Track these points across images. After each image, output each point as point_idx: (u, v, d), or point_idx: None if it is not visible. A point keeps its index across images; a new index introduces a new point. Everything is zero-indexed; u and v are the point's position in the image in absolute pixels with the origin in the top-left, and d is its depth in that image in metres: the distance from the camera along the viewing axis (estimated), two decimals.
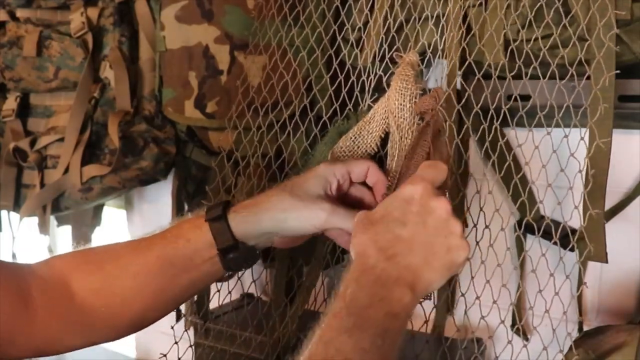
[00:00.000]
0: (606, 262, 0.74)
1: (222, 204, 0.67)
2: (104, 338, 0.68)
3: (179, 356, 0.87)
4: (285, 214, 0.64)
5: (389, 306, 0.53)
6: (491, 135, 0.78)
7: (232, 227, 0.65)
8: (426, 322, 0.82)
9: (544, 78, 0.75)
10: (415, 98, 0.66)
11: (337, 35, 0.92)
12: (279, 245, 0.70)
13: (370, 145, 0.74)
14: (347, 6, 0.92)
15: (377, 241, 0.56)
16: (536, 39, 0.78)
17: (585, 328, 0.87)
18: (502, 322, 0.75)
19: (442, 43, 0.84)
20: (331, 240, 0.70)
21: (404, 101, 0.66)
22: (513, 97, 0.78)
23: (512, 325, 0.92)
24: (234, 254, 0.65)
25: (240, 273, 0.95)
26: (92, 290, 0.66)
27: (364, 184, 0.69)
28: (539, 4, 0.78)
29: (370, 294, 0.54)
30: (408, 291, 0.54)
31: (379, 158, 0.78)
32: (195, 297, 1.06)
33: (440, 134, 0.65)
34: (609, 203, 0.84)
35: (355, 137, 0.75)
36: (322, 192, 0.65)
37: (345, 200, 0.69)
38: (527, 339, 0.91)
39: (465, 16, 0.84)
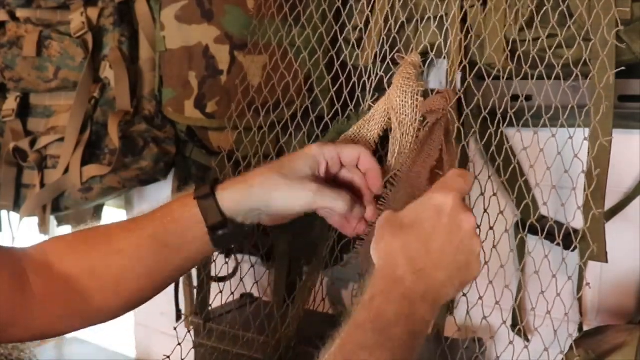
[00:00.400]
0: (606, 262, 0.74)
1: (210, 182, 0.67)
2: (100, 319, 0.69)
3: (182, 357, 0.87)
4: (272, 193, 0.64)
5: (413, 324, 0.53)
6: (489, 136, 0.78)
7: (220, 204, 0.65)
8: None
9: (543, 79, 0.76)
10: (417, 95, 0.67)
11: (339, 35, 0.92)
12: (267, 223, 0.69)
13: (370, 144, 0.74)
14: (348, 6, 0.92)
15: (407, 250, 0.55)
16: (536, 39, 0.78)
17: (585, 328, 0.87)
18: (504, 322, 0.75)
19: (444, 44, 0.84)
20: (332, 240, 0.70)
21: (405, 98, 0.67)
22: (508, 98, 0.78)
23: (513, 326, 0.93)
24: (223, 231, 0.65)
25: (241, 274, 0.96)
26: (86, 270, 0.66)
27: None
28: (538, 3, 0.78)
29: (398, 311, 0.53)
30: (430, 308, 0.54)
31: (378, 157, 0.78)
32: (196, 298, 1.06)
33: (450, 135, 0.65)
34: (609, 203, 0.84)
35: (355, 136, 0.75)
36: (310, 172, 0.65)
37: (335, 181, 0.69)
38: (527, 340, 0.91)
39: (466, 17, 0.84)
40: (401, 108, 0.67)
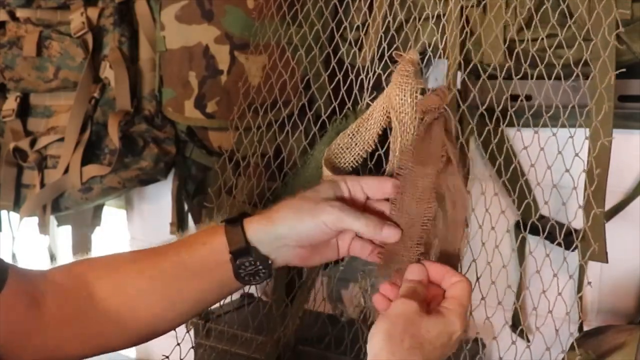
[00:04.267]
0: (606, 262, 0.74)
1: (239, 212, 0.67)
2: (112, 345, 0.68)
3: (181, 357, 0.87)
4: (296, 212, 0.64)
5: None
6: (489, 135, 0.78)
7: (246, 231, 0.65)
8: None
9: (543, 78, 0.75)
10: (417, 93, 0.66)
11: (335, 33, 0.92)
12: (295, 260, 0.68)
13: (368, 142, 0.74)
14: (344, 4, 0.92)
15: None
16: (536, 39, 0.78)
17: (585, 328, 0.87)
18: (507, 323, 0.75)
19: (443, 42, 0.84)
20: None
21: (404, 96, 0.67)
22: (507, 97, 0.78)
23: (513, 326, 0.92)
24: (246, 258, 0.65)
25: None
26: (106, 291, 0.66)
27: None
28: (538, 3, 0.78)
29: None
30: None
31: (377, 156, 0.78)
32: None
33: (450, 133, 0.65)
34: (609, 203, 0.84)
35: (353, 135, 0.75)
36: (334, 194, 0.65)
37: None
38: (528, 340, 0.91)
39: (465, 16, 0.84)
40: (400, 106, 0.67)
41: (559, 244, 0.75)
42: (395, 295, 0.61)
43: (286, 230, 0.64)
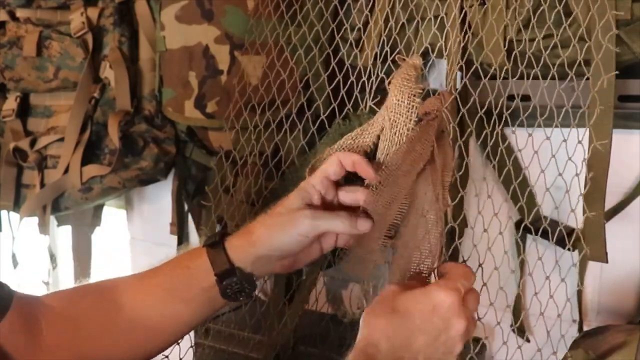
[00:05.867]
0: (606, 262, 0.74)
1: (219, 233, 0.68)
2: None
3: (181, 357, 0.87)
4: (271, 230, 0.65)
5: None
6: (489, 136, 0.78)
7: (228, 252, 0.66)
8: None
9: (544, 79, 0.75)
10: (415, 96, 0.67)
11: (336, 34, 0.91)
12: (280, 270, 0.69)
13: (367, 144, 0.74)
14: (345, 5, 0.92)
15: (391, 337, 0.57)
16: (535, 40, 0.78)
17: (585, 328, 0.87)
18: (498, 323, 0.75)
19: (444, 44, 0.84)
20: None
21: (402, 98, 0.67)
22: (505, 97, 0.78)
23: (516, 327, 0.92)
24: (231, 279, 0.65)
25: None
26: (95, 319, 0.67)
27: (358, 180, 0.68)
28: (538, 3, 0.78)
29: None
30: None
31: (367, 156, 0.78)
32: None
33: (444, 135, 0.65)
34: (609, 203, 0.84)
35: (356, 137, 0.75)
36: (302, 203, 0.65)
37: (341, 207, 0.68)
38: (528, 340, 0.91)
39: (465, 17, 0.84)
40: (396, 107, 0.67)
41: (563, 246, 0.75)
42: None
43: (265, 251, 0.65)
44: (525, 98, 0.78)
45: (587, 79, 0.74)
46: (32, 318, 0.65)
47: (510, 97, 0.79)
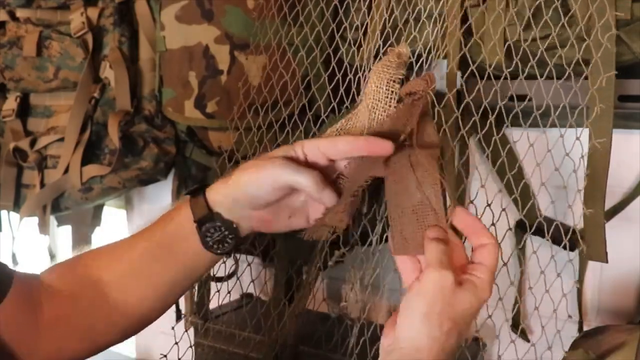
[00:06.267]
0: (606, 262, 0.74)
1: (202, 184, 0.68)
2: (107, 340, 0.69)
3: (179, 356, 0.87)
4: (245, 173, 0.63)
5: None
6: (491, 136, 0.78)
7: (208, 198, 0.65)
8: None
9: (543, 78, 0.75)
10: (394, 82, 0.65)
11: (336, 34, 0.92)
12: (259, 226, 0.67)
13: (353, 134, 0.73)
14: (345, 5, 0.92)
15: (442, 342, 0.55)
16: (535, 39, 0.78)
17: (585, 328, 0.87)
18: (507, 320, 0.75)
19: (443, 43, 0.84)
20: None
21: (380, 84, 0.66)
22: (508, 96, 0.78)
23: (513, 326, 0.92)
24: (210, 225, 0.64)
25: (239, 272, 0.95)
26: (90, 285, 0.67)
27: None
28: (538, 3, 0.78)
29: None
30: None
31: None
32: (196, 298, 1.06)
33: (427, 117, 0.64)
34: (609, 203, 0.84)
35: (341, 129, 0.74)
36: (283, 154, 0.64)
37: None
38: (528, 340, 0.91)
39: (464, 16, 0.84)
40: (375, 93, 0.66)
41: (564, 246, 0.75)
42: (413, 264, 0.59)
43: (239, 194, 0.64)
44: (523, 98, 0.78)
45: (586, 78, 0.74)
46: (32, 295, 0.66)
47: (512, 97, 0.79)
